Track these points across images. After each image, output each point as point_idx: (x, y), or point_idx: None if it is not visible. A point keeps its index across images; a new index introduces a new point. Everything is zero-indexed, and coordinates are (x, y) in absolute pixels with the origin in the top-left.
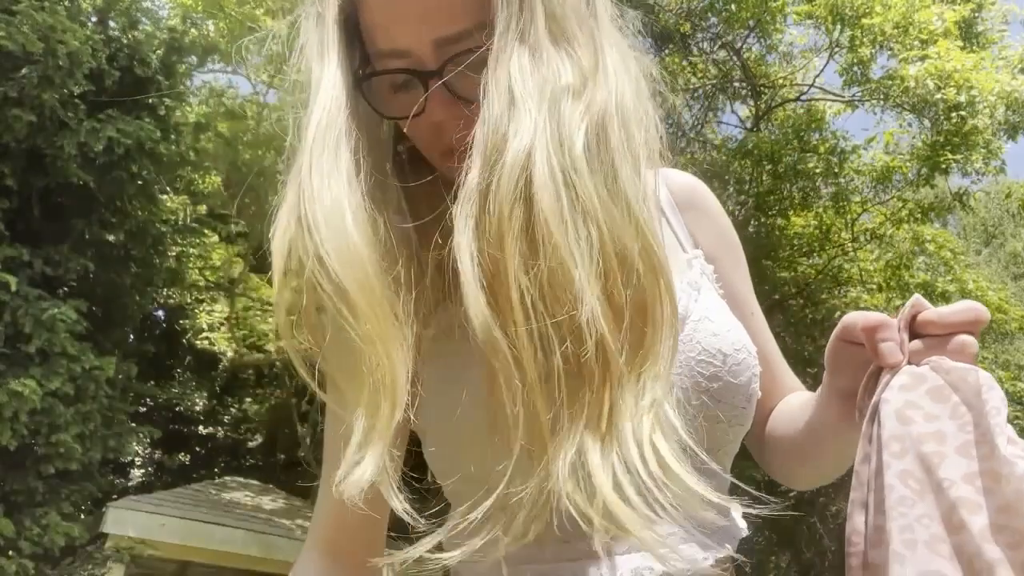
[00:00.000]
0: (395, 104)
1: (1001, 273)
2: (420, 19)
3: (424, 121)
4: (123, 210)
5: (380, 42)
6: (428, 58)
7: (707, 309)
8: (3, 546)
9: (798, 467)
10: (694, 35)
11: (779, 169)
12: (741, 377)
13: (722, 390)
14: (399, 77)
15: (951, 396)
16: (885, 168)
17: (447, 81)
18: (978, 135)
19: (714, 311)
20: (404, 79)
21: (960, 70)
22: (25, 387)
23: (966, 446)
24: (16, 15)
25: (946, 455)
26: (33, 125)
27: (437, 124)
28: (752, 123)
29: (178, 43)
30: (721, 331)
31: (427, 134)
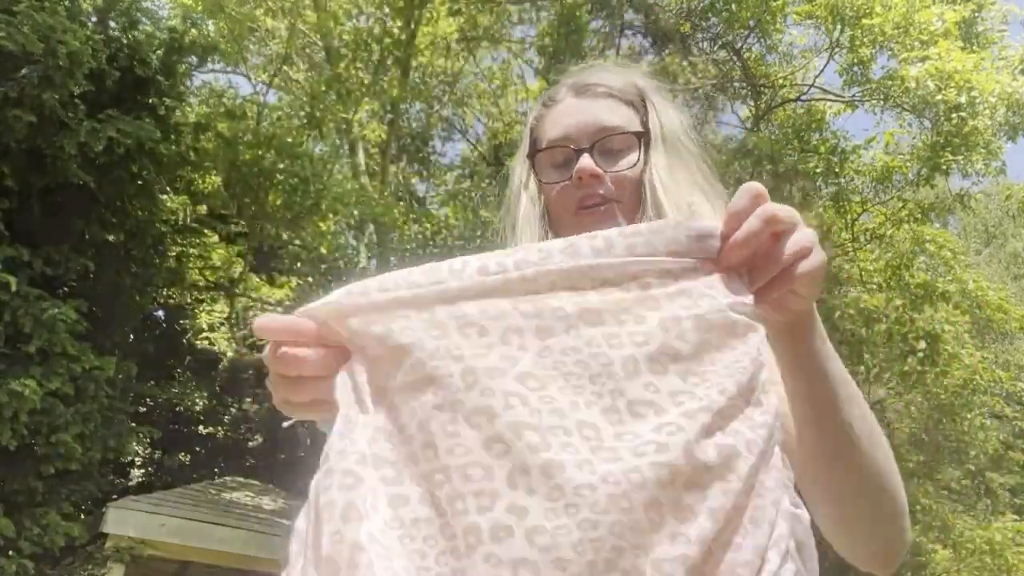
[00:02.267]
0: (552, 176)
1: (1001, 273)
2: (585, 121)
3: (569, 187)
4: (123, 210)
5: (551, 133)
6: (584, 142)
7: None
8: (3, 546)
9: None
10: (694, 35)
11: (779, 169)
12: None
13: None
14: (559, 155)
15: None
16: (885, 168)
17: (592, 151)
18: (978, 136)
19: None
20: (564, 157)
21: (960, 71)
22: (25, 387)
23: None
24: (16, 15)
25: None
26: (33, 125)
27: (576, 185)
28: (752, 123)
29: (178, 43)
30: None
31: (568, 195)
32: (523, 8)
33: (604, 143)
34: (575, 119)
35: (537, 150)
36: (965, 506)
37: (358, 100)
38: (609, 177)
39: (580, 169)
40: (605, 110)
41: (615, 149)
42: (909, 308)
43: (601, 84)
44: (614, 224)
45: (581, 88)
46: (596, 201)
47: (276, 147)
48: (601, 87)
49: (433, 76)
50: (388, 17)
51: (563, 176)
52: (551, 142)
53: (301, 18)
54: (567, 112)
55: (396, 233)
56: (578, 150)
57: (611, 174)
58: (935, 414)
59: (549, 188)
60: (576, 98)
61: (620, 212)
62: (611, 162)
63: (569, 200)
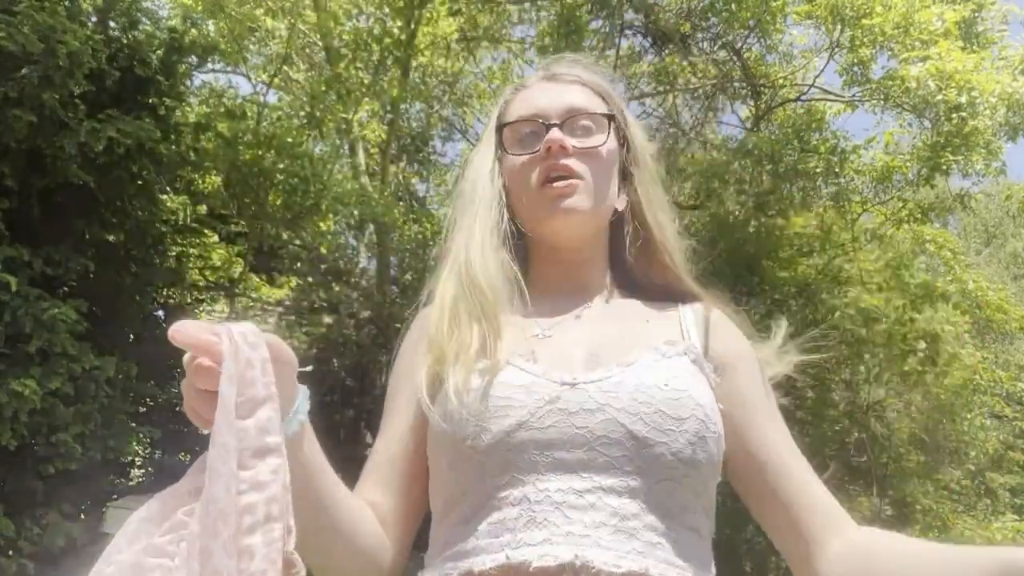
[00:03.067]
0: (517, 150)
1: (1001, 273)
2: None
3: (535, 158)
4: (123, 210)
5: (520, 111)
6: (553, 118)
7: (663, 367)
8: (3, 546)
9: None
10: (694, 35)
11: (779, 169)
12: (679, 412)
13: (656, 416)
14: (525, 126)
15: None
16: (885, 168)
17: (563, 127)
18: (978, 136)
19: (667, 369)
20: (531, 128)
21: (960, 71)
22: (25, 387)
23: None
24: (16, 15)
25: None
26: (33, 125)
27: (544, 158)
28: (752, 123)
29: (178, 43)
30: (665, 378)
31: (532, 167)
32: (523, 8)
33: (574, 121)
34: (546, 98)
35: (505, 123)
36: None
37: (358, 100)
38: (576, 153)
39: (550, 140)
40: (576, 93)
41: (584, 127)
42: (909, 308)
43: (572, 73)
44: (579, 201)
45: (552, 75)
46: (562, 173)
47: (276, 147)
48: (572, 75)
49: (433, 76)
50: (388, 17)
51: (529, 150)
52: (520, 117)
53: (301, 18)
54: (537, 92)
55: (396, 233)
56: (548, 124)
57: (579, 150)
58: (935, 414)
59: (511, 163)
60: (548, 82)
61: (583, 189)
62: (580, 139)
63: (533, 173)
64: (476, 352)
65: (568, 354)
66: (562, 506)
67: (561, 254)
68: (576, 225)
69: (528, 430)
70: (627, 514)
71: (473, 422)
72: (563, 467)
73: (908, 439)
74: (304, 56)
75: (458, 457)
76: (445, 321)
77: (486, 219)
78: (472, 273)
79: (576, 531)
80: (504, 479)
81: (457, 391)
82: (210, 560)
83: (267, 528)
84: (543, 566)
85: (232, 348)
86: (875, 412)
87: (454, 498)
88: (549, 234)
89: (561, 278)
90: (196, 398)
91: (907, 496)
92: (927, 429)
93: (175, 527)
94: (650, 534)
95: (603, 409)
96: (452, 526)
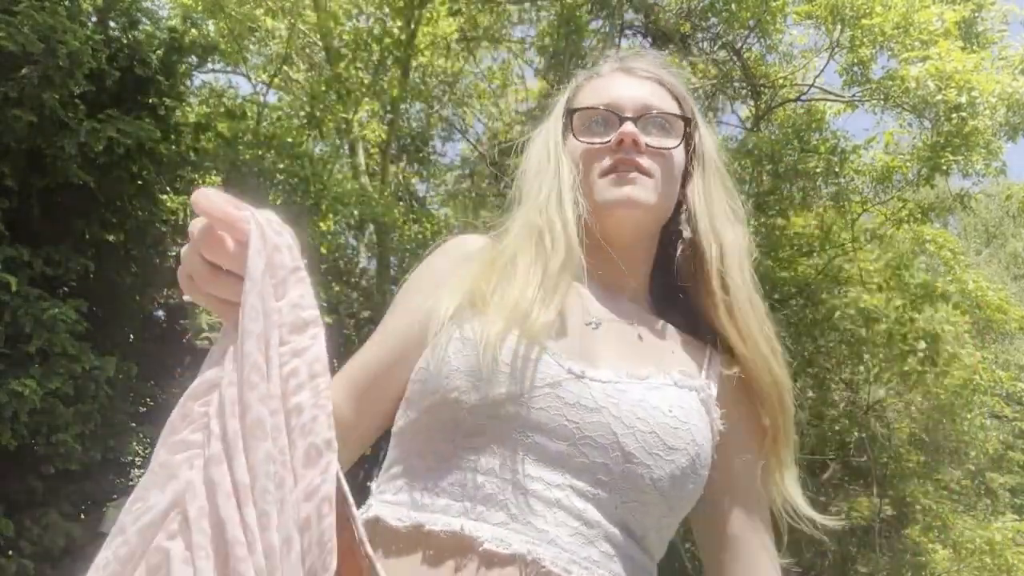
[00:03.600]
0: (587, 136)
1: (1001, 273)
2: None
3: (604, 148)
4: (123, 210)
5: (594, 98)
6: (628, 112)
7: (672, 393)
8: (3, 546)
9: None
10: (694, 35)
11: (779, 169)
12: (673, 441)
13: (649, 436)
14: (598, 115)
15: None
16: (885, 168)
17: (636, 122)
18: (978, 136)
19: (676, 397)
20: (603, 118)
21: (960, 71)
22: (25, 387)
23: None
24: (16, 15)
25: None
26: (33, 125)
27: (614, 150)
28: (752, 123)
29: (178, 43)
30: (670, 404)
31: (599, 156)
32: (523, 8)
33: (649, 118)
34: (623, 91)
35: (577, 108)
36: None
37: (358, 100)
38: (647, 151)
39: (623, 133)
40: (652, 90)
41: (659, 127)
42: (909, 308)
43: (649, 70)
44: (644, 193)
45: (628, 68)
46: (630, 167)
47: (276, 147)
48: (649, 72)
49: (433, 76)
50: (388, 17)
51: (599, 139)
52: (594, 105)
53: (301, 18)
54: (614, 84)
55: (396, 233)
56: (622, 116)
57: (651, 148)
58: (935, 414)
59: (577, 148)
60: (624, 75)
61: (652, 187)
62: (653, 138)
63: (601, 162)
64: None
65: (587, 347)
66: (528, 493)
67: (611, 247)
68: (637, 218)
69: (518, 405)
70: (590, 520)
71: (467, 375)
72: (540, 453)
73: (908, 439)
74: (304, 56)
75: (438, 402)
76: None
77: (568, 178)
78: (552, 223)
79: (537, 524)
80: (477, 442)
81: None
82: (248, 413)
83: (312, 385)
84: (493, 550)
85: (259, 229)
86: (875, 412)
87: (420, 439)
88: (609, 223)
89: (604, 272)
90: (200, 269)
91: (907, 496)
92: (927, 429)
93: (194, 419)
94: (607, 546)
95: (600, 411)
96: (413, 467)
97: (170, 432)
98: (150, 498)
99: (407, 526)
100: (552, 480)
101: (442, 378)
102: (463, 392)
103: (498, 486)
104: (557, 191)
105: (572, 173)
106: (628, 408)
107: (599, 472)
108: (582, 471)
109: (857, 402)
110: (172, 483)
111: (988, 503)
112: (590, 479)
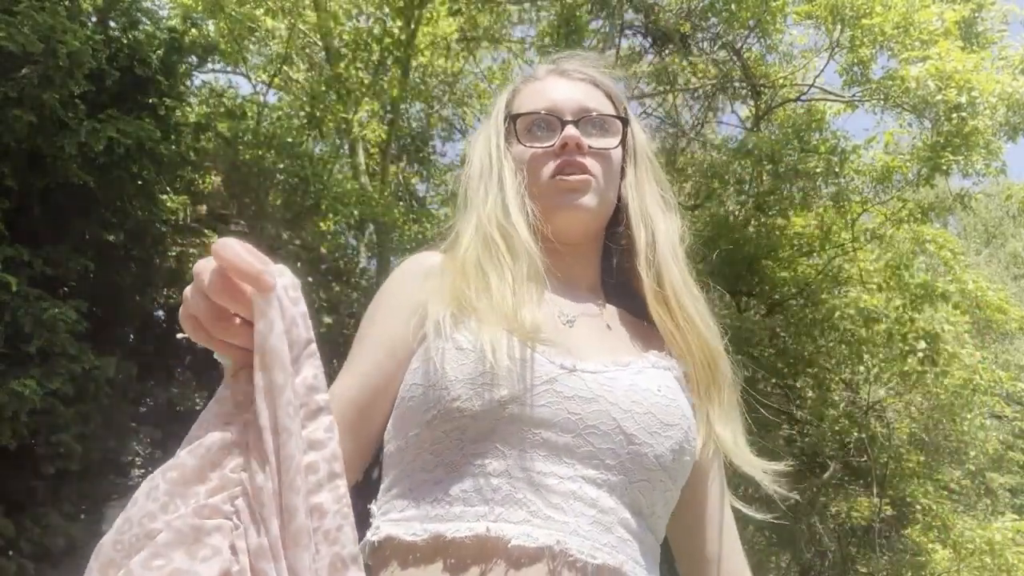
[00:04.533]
0: (530, 141)
1: (1001, 273)
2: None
3: (549, 152)
4: (123, 210)
5: (532, 103)
6: (568, 115)
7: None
8: (3, 546)
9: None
10: (694, 35)
11: (779, 169)
12: (668, 418)
13: (646, 417)
14: (540, 119)
15: None
16: (885, 168)
17: (577, 124)
18: (978, 136)
19: (660, 377)
20: (545, 122)
21: (960, 71)
22: (25, 387)
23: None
24: (16, 15)
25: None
26: (33, 125)
27: (558, 154)
28: (752, 123)
29: (178, 43)
30: (657, 384)
31: (544, 161)
32: (523, 8)
33: (588, 120)
34: (561, 94)
35: (519, 114)
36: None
37: (358, 100)
38: (590, 153)
39: (567, 137)
40: (588, 93)
41: (597, 128)
42: (909, 308)
43: (584, 71)
44: (588, 199)
45: (564, 70)
46: (575, 170)
47: (276, 147)
48: (584, 73)
49: (433, 76)
50: (388, 17)
51: (542, 143)
52: (535, 109)
53: (301, 18)
54: (551, 87)
55: (396, 233)
56: (563, 120)
57: (593, 150)
58: (935, 414)
59: (522, 153)
60: (559, 77)
61: (595, 189)
62: (593, 139)
63: (546, 166)
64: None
65: (569, 342)
66: (542, 489)
67: (563, 246)
68: (583, 222)
69: (521, 405)
70: (605, 507)
71: (468, 383)
72: (549, 448)
73: (908, 439)
74: (304, 56)
75: (441, 414)
76: (472, 275)
77: (512, 184)
78: (507, 233)
79: (556, 516)
80: (484, 447)
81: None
82: (293, 520)
83: (332, 486)
84: (522, 545)
85: (277, 302)
86: (875, 412)
87: (424, 454)
88: (559, 225)
89: (561, 270)
90: (207, 312)
91: (907, 496)
92: (927, 429)
93: (226, 485)
94: (623, 530)
95: (597, 400)
96: (420, 483)
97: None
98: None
99: (425, 538)
100: (563, 473)
101: (441, 390)
102: (466, 400)
103: (513, 486)
104: (502, 199)
105: (517, 179)
106: (622, 394)
107: (606, 457)
108: (590, 459)
109: (857, 402)
110: (216, 559)
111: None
112: (598, 465)
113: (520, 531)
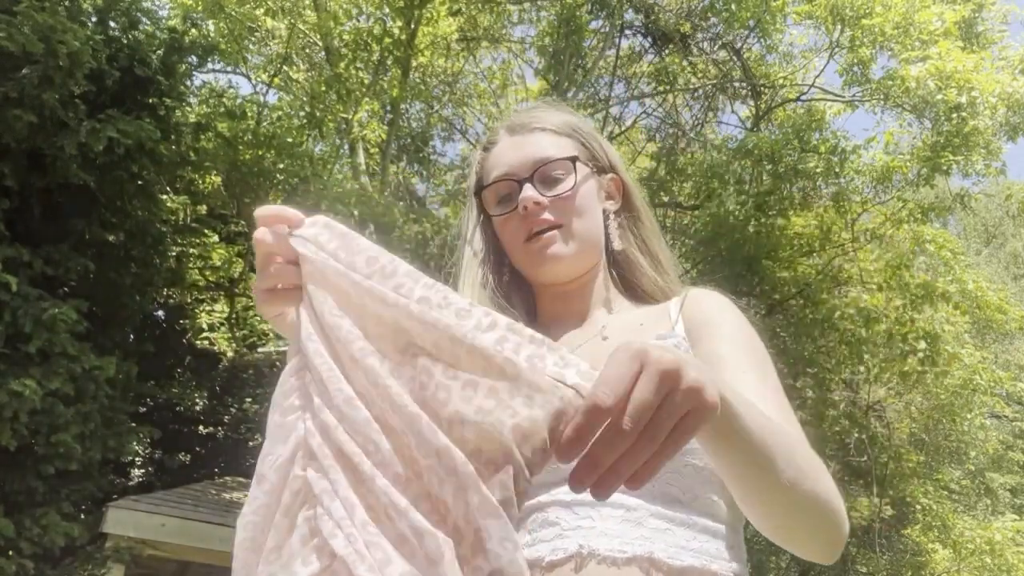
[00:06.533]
0: (498, 210)
1: (1001, 273)
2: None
3: (514, 216)
4: (123, 210)
5: (494, 172)
6: (523, 174)
7: None
8: (3, 546)
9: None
10: (694, 35)
11: (779, 169)
12: None
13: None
14: (503, 188)
15: None
16: (885, 168)
17: (533, 181)
18: (978, 136)
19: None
20: (509, 190)
21: (960, 71)
22: (25, 387)
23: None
24: (16, 15)
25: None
26: (33, 125)
27: (523, 217)
28: (752, 123)
29: (178, 43)
30: None
31: (515, 226)
32: (523, 8)
33: (543, 172)
34: (514, 155)
35: (483, 187)
36: (965, 506)
37: (358, 100)
38: (550, 203)
39: (523, 199)
40: (540, 143)
41: (553, 176)
42: (909, 308)
43: (534, 122)
44: (562, 248)
45: (515, 128)
46: (543, 227)
47: (276, 147)
48: (535, 124)
49: (433, 76)
50: (388, 17)
51: (509, 208)
52: (495, 179)
53: (301, 18)
54: (505, 150)
55: (396, 233)
56: (520, 181)
57: (551, 199)
58: (935, 414)
59: (497, 222)
60: (511, 136)
61: (563, 235)
62: (551, 189)
63: (517, 230)
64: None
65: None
66: (571, 505)
67: (560, 288)
68: (564, 269)
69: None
70: (631, 506)
71: None
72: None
73: (908, 439)
74: (304, 56)
75: None
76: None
77: (472, 281)
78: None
79: (584, 524)
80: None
81: None
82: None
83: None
84: (553, 560)
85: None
86: (875, 412)
87: None
88: (546, 279)
89: (563, 309)
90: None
91: (907, 496)
92: (927, 429)
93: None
94: (657, 521)
95: None
96: None
97: (277, 404)
98: (276, 450)
99: None
100: None
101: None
102: None
103: (544, 511)
104: (469, 289)
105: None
106: None
107: None
108: None
109: (857, 402)
110: (292, 435)
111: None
112: None
113: (552, 547)
